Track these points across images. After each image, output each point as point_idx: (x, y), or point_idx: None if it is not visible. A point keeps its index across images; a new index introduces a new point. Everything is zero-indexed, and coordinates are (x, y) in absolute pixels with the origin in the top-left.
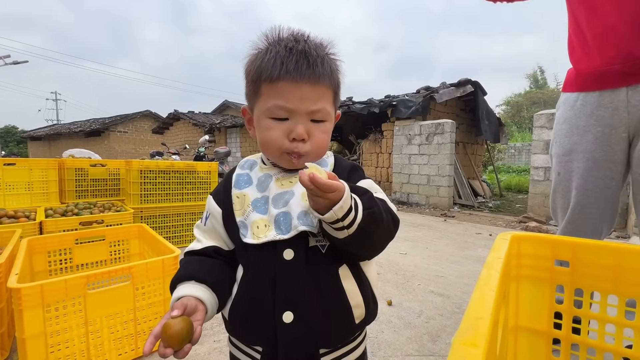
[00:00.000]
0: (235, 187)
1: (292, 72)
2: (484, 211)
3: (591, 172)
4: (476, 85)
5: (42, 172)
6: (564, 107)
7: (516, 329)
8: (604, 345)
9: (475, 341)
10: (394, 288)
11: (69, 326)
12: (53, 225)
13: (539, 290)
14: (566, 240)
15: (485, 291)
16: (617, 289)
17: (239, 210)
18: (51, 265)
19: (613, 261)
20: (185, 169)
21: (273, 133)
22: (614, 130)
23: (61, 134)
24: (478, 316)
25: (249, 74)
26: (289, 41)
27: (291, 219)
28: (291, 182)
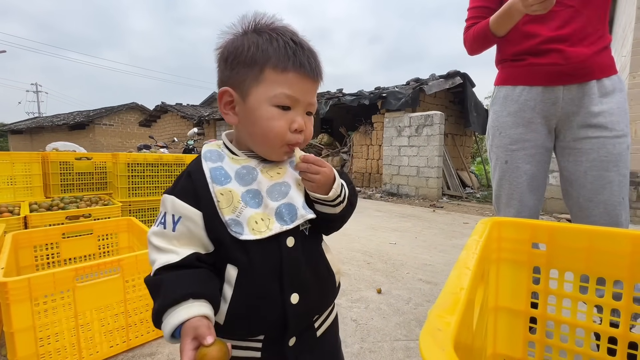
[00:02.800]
0: (215, 183)
1: (305, 66)
2: (472, 201)
3: (534, 158)
4: (465, 77)
5: (25, 166)
6: (505, 101)
7: (496, 309)
8: (576, 321)
9: (450, 311)
10: (384, 277)
11: (59, 319)
12: (38, 219)
13: (518, 272)
14: (543, 224)
15: (462, 270)
16: (589, 269)
17: (227, 208)
18: (38, 260)
19: (587, 243)
20: (174, 162)
21: (278, 124)
22: (547, 121)
23: (44, 127)
24: (453, 292)
25: (246, 57)
26: (292, 35)
27: (296, 209)
28: (278, 173)
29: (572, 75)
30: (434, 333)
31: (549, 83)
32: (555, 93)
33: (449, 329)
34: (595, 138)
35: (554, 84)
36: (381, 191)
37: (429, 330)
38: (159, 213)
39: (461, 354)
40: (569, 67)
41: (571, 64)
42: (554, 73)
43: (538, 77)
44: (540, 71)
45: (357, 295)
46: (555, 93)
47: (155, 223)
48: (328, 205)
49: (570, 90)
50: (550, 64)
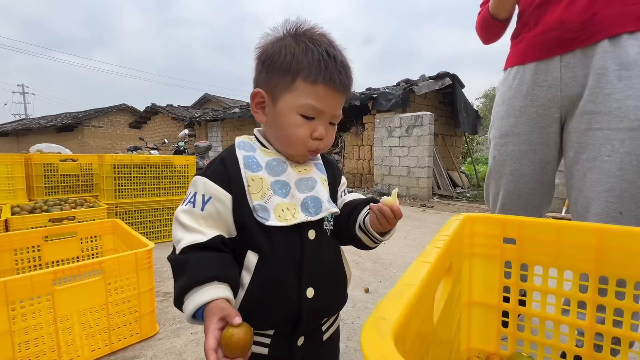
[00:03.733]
0: (247, 169)
1: (335, 80)
2: (462, 201)
3: (527, 156)
4: (454, 78)
5: (7, 168)
6: (502, 87)
7: (470, 304)
8: (545, 314)
9: (398, 301)
10: (372, 276)
11: (38, 323)
12: (20, 222)
13: (490, 267)
14: (513, 219)
15: (421, 263)
16: (557, 262)
17: (257, 194)
18: (18, 264)
19: (554, 237)
20: (161, 163)
21: (301, 131)
22: (547, 110)
23: (30, 129)
24: (407, 283)
25: (281, 63)
26: (328, 46)
27: (321, 202)
28: (306, 169)
29: (572, 40)
30: (377, 322)
31: (541, 56)
32: (551, 72)
33: (393, 318)
34: (597, 130)
35: (548, 56)
36: (372, 191)
37: (373, 320)
38: (187, 193)
39: (412, 344)
40: (566, 29)
41: (568, 25)
42: (548, 42)
43: (530, 52)
44: (533, 44)
45: None
46: (551, 72)
47: (184, 202)
48: (372, 240)
49: (571, 64)
50: (542, 32)
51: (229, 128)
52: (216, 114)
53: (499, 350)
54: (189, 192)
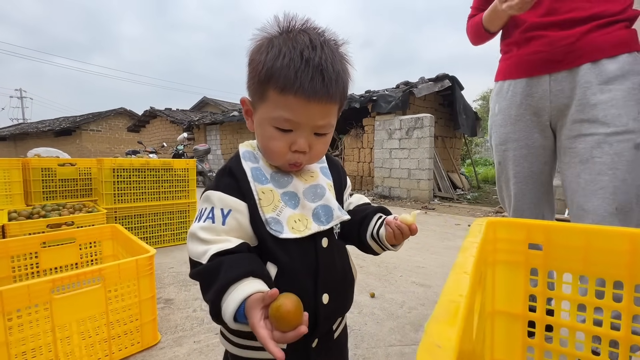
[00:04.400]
0: (256, 181)
1: (306, 90)
2: (463, 203)
3: (526, 159)
4: (453, 80)
5: (4, 173)
6: (497, 98)
7: (493, 313)
8: (575, 324)
9: (450, 322)
10: (377, 280)
11: (35, 333)
12: (17, 228)
13: (514, 274)
14: (539, 224)
15: (460, 274)
16: (587, 269)
17: (269, 206)
18: (15, 271)
19: (584, 242)
20: (161, 167)
21: (276, 144)
22: (539, 118)
23: (28, 134)
24: (452, 299)
25: (256, 71)
26: (305, 47)
27: (332, 210)
28: (312, 176)
29: (559, 62)
30: (433, 350)
31: (532, 73)
32: (541, 85)
33: (449, 344)
34: (588, 135)
35: (538, 74)
36: (373, 194)
37: (427, 347)
38: (199, 210)
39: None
40: (554, 52)
41: (556, 48)
42: (537, 61)
43: (521, 69)
44: (523, 62)
45: None
46: (541, 85)
47: (200, 219)
48: (382, 249)
49: (559, 80)
50: (533, 52)
51: (227, 131)
52: (215, 117)
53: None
54: (202, 208)
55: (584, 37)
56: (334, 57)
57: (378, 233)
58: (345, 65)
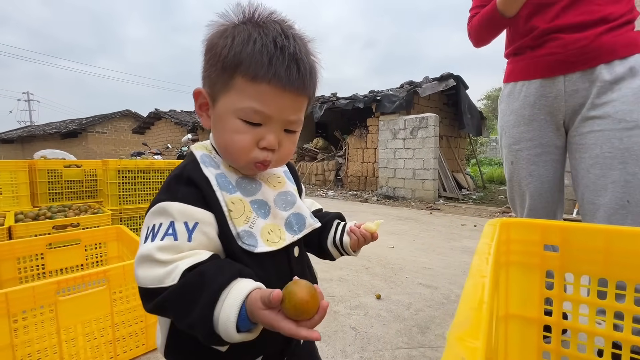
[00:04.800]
0: (224, 190)
1: (281, 78)
2: (468, 203)
3: (540, 157)
4: (458, 80)
5: (11, 175)
6: (509, 99)
7: (507, 317)
8: (594, 329)
9: (474, 334)
10: (383, 281)
11: (40, 335)
12: (24, 230)
13: (529, 277)
14: (555, 225)
15: (478, 279)
16: (607, 272)
17: (240, 218)
18: (21, 273)
19: (603, 244)
20: (166, 168)
21: (242, 138)
22: (554, 117)
23: (35, 136)
24: (474, 307)
25: (219, 56)
26: (277, 34)
27: (304, 218)
28: (279, 182)
29: (573, 63)
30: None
31: (547, 74)
32: (555, 85)
33: (475, 357)
34: (598, 131)
35: (553, 75)
36: (377, 194)
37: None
38: (150, 227)
39: None
40: (568, 54)
41: (570, 50)
42: (552, 63)
43: (535, 70)
44: (538, 63)
45: (356, 302)
46: (555, 85)
47: (156, 237)
48: (340, 254)
49: (573, 80)
50: (547, 54)
51: None
52: None
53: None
54: (155, 224)
55: (598, 39)
56: (306, 50)
57: (341, 240)
58: (315, 60)
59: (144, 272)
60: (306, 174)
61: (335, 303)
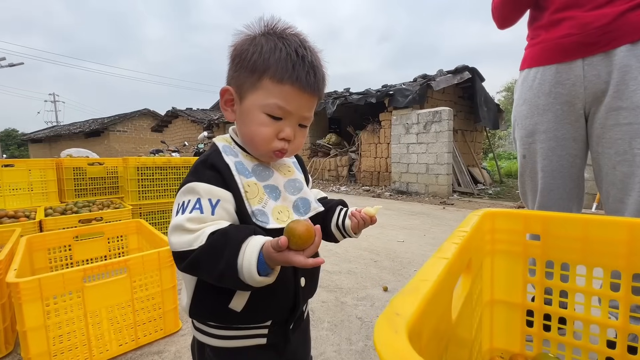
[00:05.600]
0: (241, 175)
1: (302, 81)
2: (484, 198)
3: (555, 152)
4: (474, 72)
5: (41, 173)
6: (522, 87)
7: (492, 302)
8: (573, 314)
9: (412, 297)
10: (390, 274)
11: (69, 318)
12: (53, 223)
13: (513, 264)
14: (537, 214)
15: (437, 259)
16: (585, 259)
17: (254, 199)
18: (52, 262)
19: (581, 232)
20: (182, 165)
21: (265, 130)
22: (572, 107)
23: (61, 136)
24: (422, 279)
25: (248, 61)
26: (298, 46)
27: (309, 202)
28: (289, 171)
29: (592, 45)
30: (391, 317)
31: (563, 59)
32: (573, 70)
33: (407, 313)
34: (626, 125)
35: (570, 59)
36: (390, 190)
37: (387, 315)
38: (181, 202)
39: (428, 341)
40: (587, 34)
41: (588, 30)
42: (568, 45)
43: (550, 54)
44: (553, 47)
45: (363, 293)
46: (573, 70)
47: (185, 211)
48: (344, 237)
49: (593, 64)
50: (563, 36)
51: None
52: None
53: (523, 351)
54: (184, 200)
55: (621, 17)
56: (319, 60)
57: (344, 223)
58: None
59: (176, 238)
60: (319, 170)
61: (343, 294)
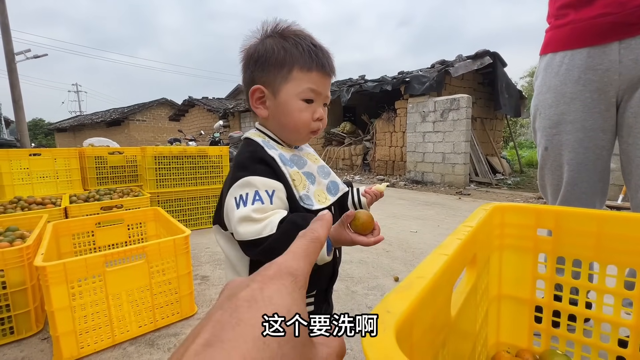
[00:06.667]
0: (287, 166)
1: (324, 66)
2: (502, 188)
3: (582, 144)
4: (495, 57)
5: (65, 161)
6: (546, 74)
7: (499, 297)
8: (584, 311)
9: (406, 294)
10: (402, 265)
11: (92, 300)
12: (77, 210)
13: (522, 260)
14: (549, 209)
15: (437, 255)
16: (599, 256)
17: (300, 185)
18: (76, 247)
19: (596, 228)
20: (197, 154)
21: (305, 115)
22: (604, 95)
23: (84, 125)
24: (419, 275)
25: (276, 59)
26: (311, 39)
27: (338, 184)
28: (316, 158)
29: (633, 25)
30: (382, 315)
31: (596, 41)
32: (607, 55)
33: (397, 311)
34: None
35: (604, 41)
36: (405, 179)
37: (378, 312)
38: (241, 195)
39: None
40: (626, 13)
41: (629, 8)
42: (604, 26)
43: (581, 37)
44: (584, 28)
45: (373, 283)
46: (607, 55)
47: (247, 202)
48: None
49: (632, 47)
50: (598, 16)
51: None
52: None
53: (531, 346)
54: (243, 193)
55: None
56: (327, 48)
57: (359, 200)
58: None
59: (244, 228)
60: (333, 159)
61: (354, 283)
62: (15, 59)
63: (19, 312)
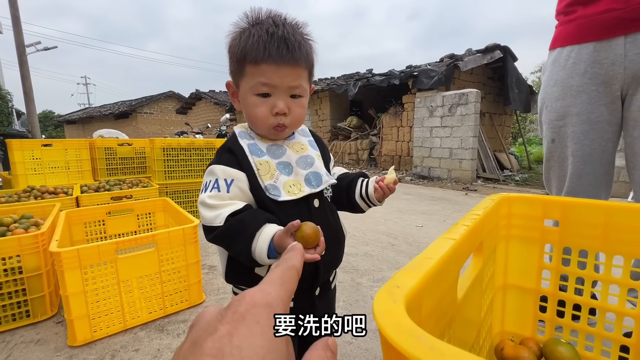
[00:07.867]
0: (253, 155)
1: (274, 56)
2: (510, 184)
3: (587, 136)
4: (505, 51)
5: (76, 152)
6: (553, 68)
7: (505, 287)
8: (589, 301)
9: (415, 272)
10: (407, 258)
11: (104, 286)
12: (87, 200)
13: (529, 250)
14: (556, 200)
15: (445, 239)
16: (605, 247)
17: (266, 175)
18: (88, 235)
19: (603, 219)
20: (204, 146)
21: (260, 110)
22: (609, 88)
23: (93, 117)
24: (427, 256)
25: (234, 54)
26: (269, 25)
27: (321, 176)
28: (302, 148)
29: (638, 20)
30: (391, 289)
31: (602, 36)
32: (613, 49)
33: (406, 286)
34: None
35: (610, 36)
36: (411, 174)
37: (387, 287)
38: (205, 182)
39: (429, 316)
40: (632, 9)
41: (634, 4)
42: (610, 21)
43: (588, 31)
44: (591, 23)
45: (379, 275)
46: (613, 49)
47: (207, 189)
48: (369, 206)
49: (637, 41)
50: (604, 11)
51: None
52: None
53: (535, 335)
54: (207, 180)
55: None
56: (294, 31)
57: (367, 193)
58: (307, 38)
59: (202, 213)
60: (339, 153)
61: (359, 275)
62: (25, 51)
63: (34, 296)
